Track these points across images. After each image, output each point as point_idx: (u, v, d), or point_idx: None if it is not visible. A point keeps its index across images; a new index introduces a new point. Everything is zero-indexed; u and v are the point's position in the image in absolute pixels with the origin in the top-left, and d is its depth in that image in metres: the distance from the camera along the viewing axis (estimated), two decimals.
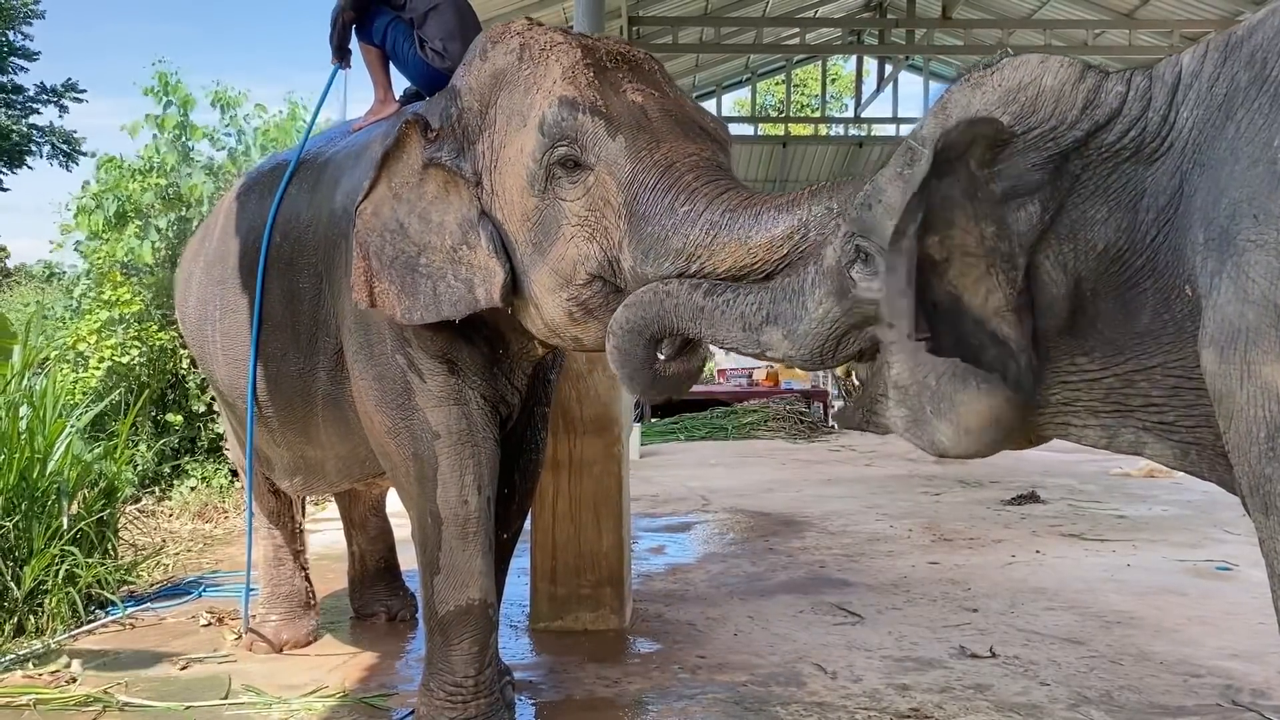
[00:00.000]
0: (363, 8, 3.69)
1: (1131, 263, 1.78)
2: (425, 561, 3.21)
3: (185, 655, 4.12)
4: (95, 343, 7.22)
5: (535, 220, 2.74)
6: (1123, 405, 1.86)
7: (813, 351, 2.22)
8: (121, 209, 7.65)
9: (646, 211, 2.54)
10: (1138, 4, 12.24)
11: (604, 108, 2.66)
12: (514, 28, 2.92)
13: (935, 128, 1.92)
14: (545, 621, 4.51)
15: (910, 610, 4.72)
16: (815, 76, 21.78)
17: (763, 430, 12.15)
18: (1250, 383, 1.58)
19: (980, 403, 1.91)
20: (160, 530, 6.47)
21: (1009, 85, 1.86)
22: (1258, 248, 1.56)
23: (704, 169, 2.57)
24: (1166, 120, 1.76)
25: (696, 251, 2.45)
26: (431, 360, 3.11)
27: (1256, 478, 1.61)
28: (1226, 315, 1.60)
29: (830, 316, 2.17)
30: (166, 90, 8.19)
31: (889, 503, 7.41)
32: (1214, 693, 3.65)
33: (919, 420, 2.02)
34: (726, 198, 2.48)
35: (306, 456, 3.80)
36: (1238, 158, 1.63)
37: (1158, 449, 1.88)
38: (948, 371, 1.93)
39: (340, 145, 3.57)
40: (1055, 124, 1.80)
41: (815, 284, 2.20)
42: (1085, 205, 1.80)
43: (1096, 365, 1.84)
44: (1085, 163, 1.80)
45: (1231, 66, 1.71)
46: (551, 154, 2.68)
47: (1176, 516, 6.71)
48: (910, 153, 1.96)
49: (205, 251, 4.09)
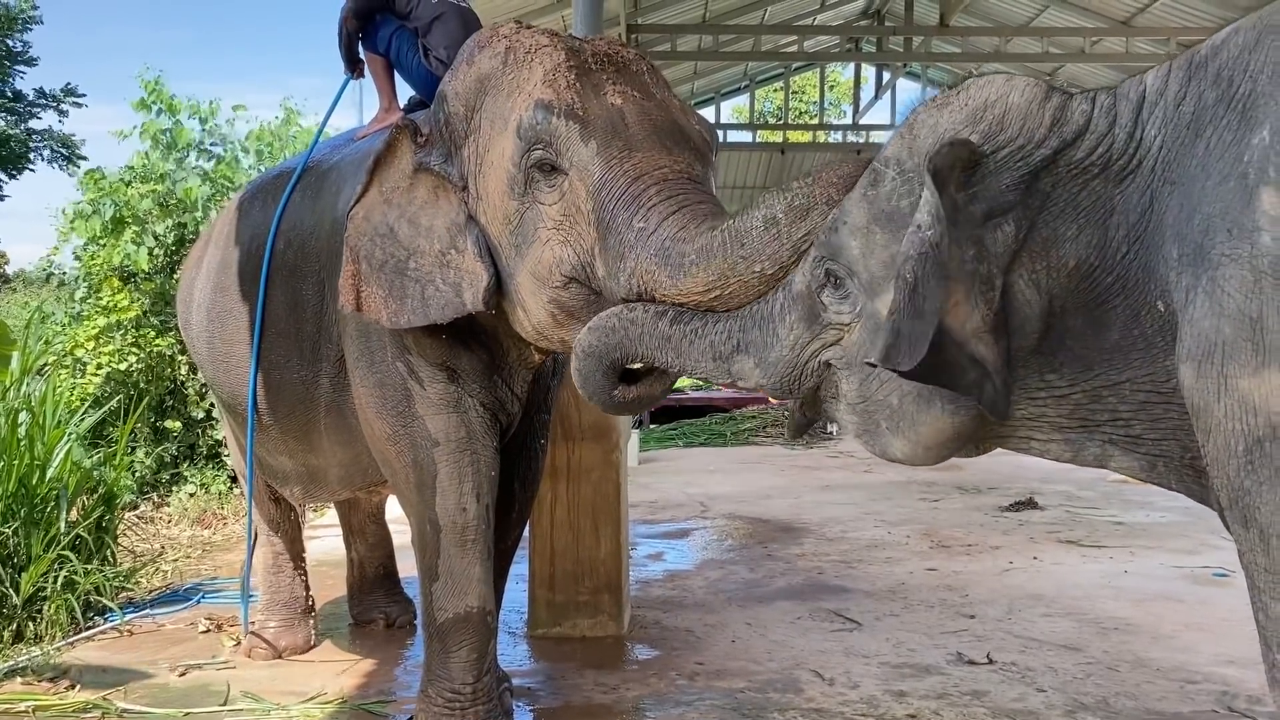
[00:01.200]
0: (367, 17, 3.71)
1: (1101, 280, 1.79)
2: (424, 568, 3.22)
3: (184, 662, 4.13)
4: (93, 349, 7.22)
5: (516, 223, 2.74)
6: (1089, 420, 1.87)
7: (784, 379, 2.20)
8: (118, 214, 7.64)
9: (610, 222, 2.54)
10: (1134, 11, 12.27)
11: (580, 111, 2.64)
12: (501, 31, 2.91)
13: (901, 148, 1.94)
14: (543, 628, 4.51)
15: (908, 617, 4.73)
16: (814, 83, 21.80)
17: (761, 436, 12.15)
18: (1228, 396, 1.59)
19: (943, 423, 1.94)
20: (159, 537, 6.48)
21: (975, 104, 1.87)
22: (1232, 262, 1.58)
23: (670, 183, 2.53)
24: (1133, 137, 1.78)
25: (645, 278, 2.44)
26: (431, 367, 3.12)
27: (1235, 491, 1.62)
28: (1203, 329, 1.62)
29: (801, 342, 2.15)
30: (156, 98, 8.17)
31: (887, 509, 7.41)
32: (1210, 699, 3.66)
33: (872, 431, 2.06)
34: (675, 219, 2.44)
35: (308, 464, 3.81)
36: (1209, 174, 1.65)
37: (1124, 462, 1.90)
38: (911, 392, 1.95)
39: (344, 153, 3.59)
40: (1024, 141, 1.82)
41: (785, 310, 2.17)
42: (1056, 223, 1.81)
43: (1065, 381, 1.85)
44: (1055, 180, 1.82)
45: (1198, 85, 1.73)
46: (528, 157, 2.67)
47: (1174, 523, 6.72)
48: (874, 174, 1.98)
49: (207, 259, 4.10)
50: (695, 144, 2.74)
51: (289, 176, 3.71)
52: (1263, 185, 1.56)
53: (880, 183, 1.96)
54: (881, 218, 1.95)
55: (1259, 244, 1.55)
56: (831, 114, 22.99)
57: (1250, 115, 1.62)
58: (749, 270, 2.25)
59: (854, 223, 1.99)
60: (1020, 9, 13.55)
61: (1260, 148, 1.58)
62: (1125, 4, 12.22)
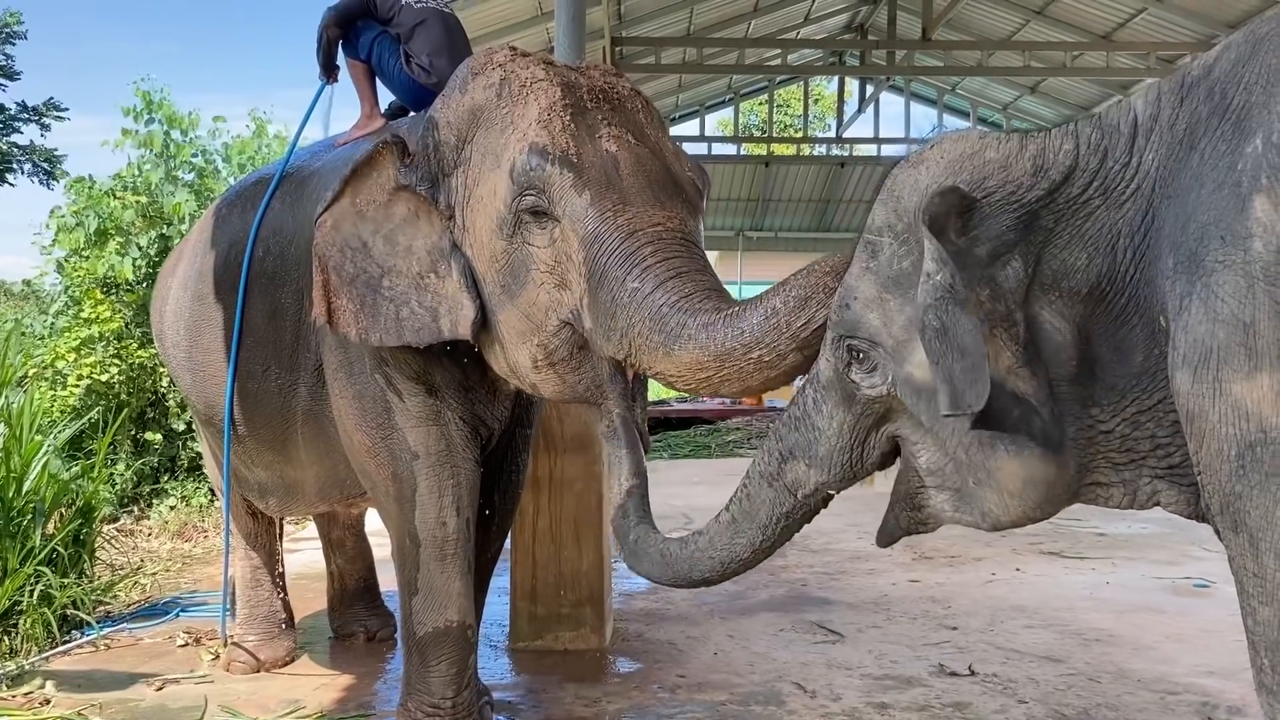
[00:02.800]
0: (348, 24, 3.68)
1: (1116, 302, 1.80)
2: (404, 582, 3.20)
3: (161, 676, 4.08)
4: (74, 360, 7.16)
5: (504, 263, 2.71)
6: (1134, 452, 1.86)
7: (843, 468, 2.12)
8: (102, 226, 7.61)
9: (602, 277, 2.51)
10: (1115, 26, 12.39)
11: (575, 158, 2.60)
12: (496, 58, 2.87)
13: (888, 214, 1.95)
14: (525, 641, 4.49)
15: (890, 628, 4.72)
16: (798, 97, 21.87)
17: (746, 448, 12.14)
18: (1221, 401, 1.60)
19: (1014, 463, 1.90)
20: (139, 550, 6.41)
21: (951, 157, 1.89)
22: (1225, 268, 1.59)
23: (665, 242, 2.52)
24: (1129, 166, 1.80)
25: (637, 340, 2.44)
26: (409, 381, 3.09)
27: (1226, 496, 1.63)
28: (1197, 335, 1.62)
29: (846, 426, 2.08)
30: (150, 108, 8.16)
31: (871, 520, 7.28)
32: (1191, 710, 3.67)
33: (964, 496, 1.99)
34: (675, 285, 2.44)
35: (285, 476, 3.77)
36: (1203, 183, 1.67)
37: (1171, 496, 1.89)
38: (974, 443, 1.92)
39: (325, 159, 3.54)
40: (1013, 189, 1.84)
41: (818, 403, 2.12)
42: (1064, 254, 1.82)
43: (1107, 414, 1.84)
44: (1057, 215, 1.83)
45: (1190, 103, 1.75)
46: (520, 201, 2.64)
47: (1155, 534, 6.74)
48: (870, 246, 1.99)
49: (182, 267, 4.05)
50: (687, 194, 2.72)
51: (268, 183, 3.66)
52: (1256, 192, 1.57)
53: (879, 252, 1.97)
54: (890, 284, 1.95)
55: (1252, 250, 1.56)
56: (815, 127, 23.10)
57: (1244, 125, 1.63)
58: (745, 357, 2.27)
59: (865, 296, 1.98)
60: (1002, 23, 13.68)
61: (1253, 156, 1.59)
62: (1106, 19, 12.35)
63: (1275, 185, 1.54)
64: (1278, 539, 1.57)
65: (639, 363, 2.49)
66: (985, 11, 13.45)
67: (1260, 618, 1.63)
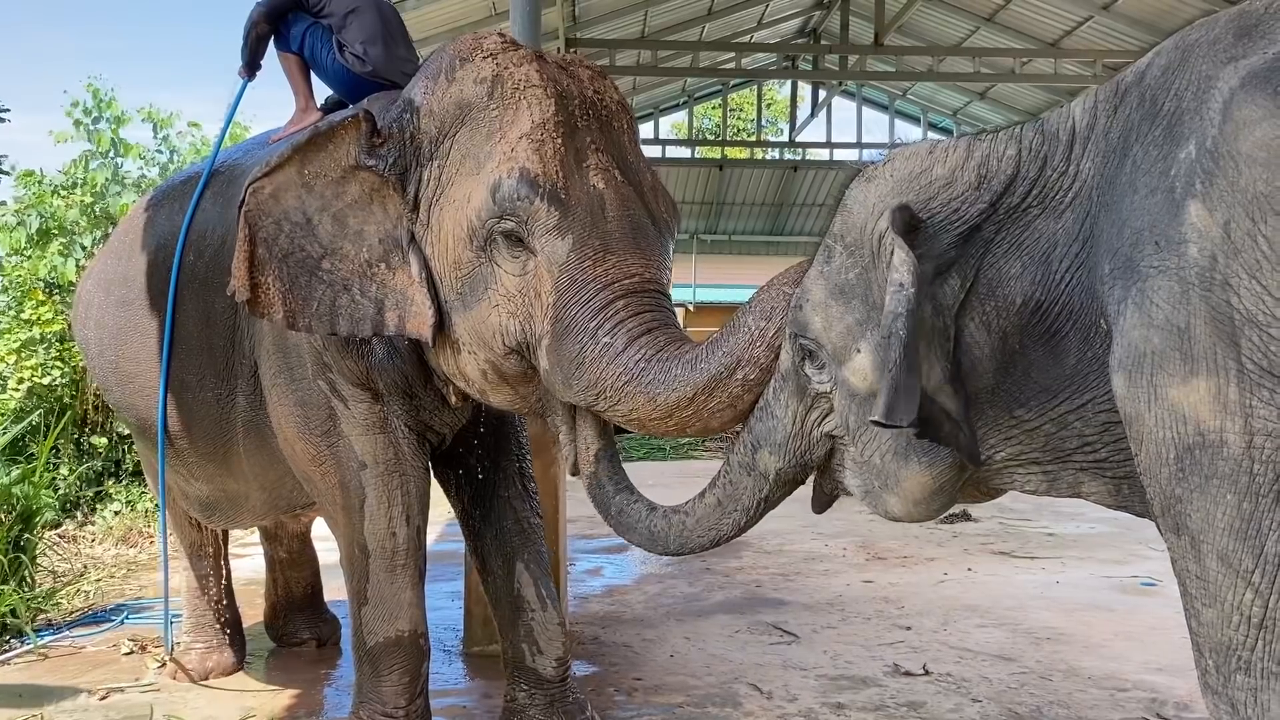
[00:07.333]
0: (279, 18, 3.51)
1: (1050, 310, 1.82)
2: (354, 592, 3.13)
3: (106, 684, 4.00)
4: (15, 363, 7.00)
5: (466, 273, 2.64)
6: (1060, 450, 1.89)
7: (795, 455, 2.22)
8: (45, 226, 7.46)
9: (571, 325, 2.48)
10: (1062, 34, 12.57)
11: (563, 193, 2.52)
12: (487, 45, 2.72)
13: (841, 224, 2.03)
14: (479, 645, 4.45)
15: (845, 629, 4.74)
16: (751, 101, 21.97)
17: (701, 451, 12.16)
18: (1158, 405, 1.61)
19: (925, 475, 1.99)
20: (82, 556, 6.27)
21: (900, 176, 1.94)
22: (1159, 273, 1.60)
23: (638, 296, 2.50)
24: (1067, 174, 1.83)
25: (606, 391, 2.43)
26: (353, 387, 3.01)
27: (1167, 498, 1.64)
28: (1133, 340, 1.64)
29: (799, 416, 2.18)
30: (99, 106, 8.03)
31: (824, 521, 7.38)
32: (1140, 706, 3.72)
33: (871, 492, 2.12)
34: (646, 341, 2.43)
35: (227, 490, 3.64)
36: (1136, 189, 1.68)
37: (1094, 487, 1.93)
38: (890, 451, 2.01)
39: (258, 156, 3.32)
40: (958, 204, 1.88)
41: (778, 390, 2.22)
42: (1001, 263, 1.86)
43: (1033, 414, 1.87)
44: (997, 225, 1.87)
45: (1124, 110, 1.77)
46: (499, 223, 2.55)
47: (1103, 534, 6.84)
48: (826, 250, 2.07)
49: (106, 271, 3.86)
50: (664, 239, 2.69)
51: (195, 182, 3.49)
52: (1190, 198, 1.57)
53: (831, 258, 2.05)
54: (835, 292, 2.02)
55: (1186, 256, 1.57)
56: (769, 131, 23.23)
57: (1176, 131, 1.65)
58: (732, 378, 2.28)
59: (814, 299, 2.06)
60: (953, 30, 13.81)
61: (1186, 161, 1.60)
62: (1054, 27, 12.52)
63: (1209, 191, 1.55)
64: (1219, 541, 1.58)
65: (607, 411, 2.47)
66: (936, 18, 13.58)
67: (1204, 619, 1.64)
